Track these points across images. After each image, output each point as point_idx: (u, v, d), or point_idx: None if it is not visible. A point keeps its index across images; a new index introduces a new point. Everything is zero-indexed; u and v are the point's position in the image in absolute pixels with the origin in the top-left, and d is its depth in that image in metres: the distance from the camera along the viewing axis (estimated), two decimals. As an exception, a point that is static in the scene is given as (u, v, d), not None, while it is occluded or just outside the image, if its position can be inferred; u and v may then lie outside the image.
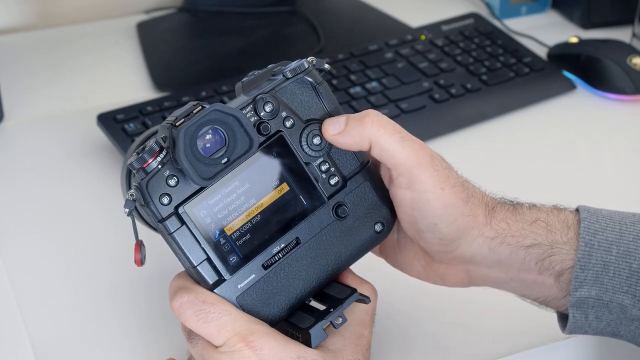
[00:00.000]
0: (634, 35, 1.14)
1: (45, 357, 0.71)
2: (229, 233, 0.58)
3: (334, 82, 1.01)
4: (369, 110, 0.61)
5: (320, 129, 0.60)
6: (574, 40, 1.12)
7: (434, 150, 0.63)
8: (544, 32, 1.18)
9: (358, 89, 1.01)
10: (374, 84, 1.02)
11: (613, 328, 0.64)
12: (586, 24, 1.21)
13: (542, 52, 1.13)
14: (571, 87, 1.07)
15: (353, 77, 1.03)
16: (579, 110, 1.04)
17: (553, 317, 0.74)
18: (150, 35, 1.18)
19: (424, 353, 0.72)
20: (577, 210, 0.65)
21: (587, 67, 1.07)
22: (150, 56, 1.13)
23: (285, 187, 0.59)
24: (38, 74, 1.11)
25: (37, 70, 1.12)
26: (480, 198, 0.64)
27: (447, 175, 0.62)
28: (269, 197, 0.59)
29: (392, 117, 0.95)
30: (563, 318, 0.66)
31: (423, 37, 1.11)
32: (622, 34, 1.16)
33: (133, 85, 1.08)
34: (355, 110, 0.97)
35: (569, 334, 0.65)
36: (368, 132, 0.60)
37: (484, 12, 1.23)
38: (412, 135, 0.63)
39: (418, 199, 0.61)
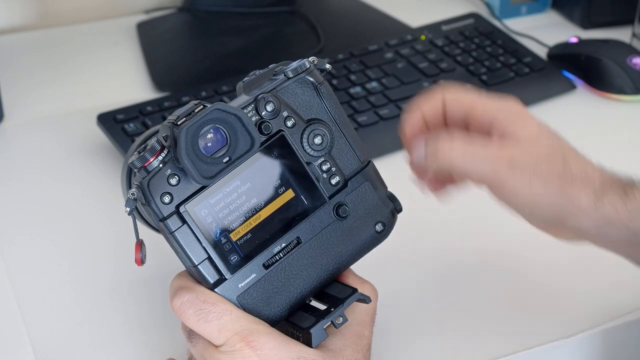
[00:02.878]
0: (634, 35, 1.14)
1: (45, 357, 0.71)
2: (230, 232, 0.58)
3: (334, 82, 1.01)
4: (438, 141, 0.64)
5: (320, 129, 0.60)
6: (574, 40, 1.12)
7: (517, 147, 0.64)
8: (544, 32, 1.18)
9: (358, 89, 1.01)
10: (374, 84, 1.02)
11: None
12: (586, 24, 1.21)
13: (542, 52, 1.13)
14: (571, 87, 1.07)
15: (353, 77, 1.03)
16: (579, 110, 1.04)
17: (553, 317, 0.74)
18: (150, 35, 1.18)
19: (424, 353, 0.72)
20: None
21: (587, 67, 1.07)
22: (150, 56, 1.13)
23: (286, 187, 0.59)
24: (38, 74, 1.11)
25: (37, 70, 1.12)
26: (584, 180, 0.64)
27: (535, 171, 0.63)
28: (270, 196, 0.59)
29: (392, 118, 0.97)
30: None
31: (423, 37, 1.11)
32: (622, 34, 1.16)
33: (133, 85, 1.08)
34: (355, 111, 0.97)
35: None
36: (443, 157, 0.64)
37: (484, 12, 1.23)
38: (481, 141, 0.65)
39: (510, 197, 0.64)
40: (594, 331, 0.74)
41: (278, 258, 0.59)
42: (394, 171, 0.70)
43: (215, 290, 0.58)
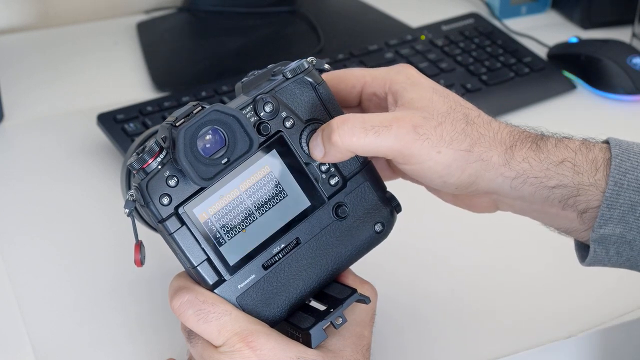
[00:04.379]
0: (634, 35, 1.14)
1: (45, 357, 0.71)
2: (229, 233, 0.58)
3: (334, 82, 1.01)
4: (333, 121, 0.59)
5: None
6: (574, 40, 1.12)
7: (416, 113, 0.60)
8: (544, 32, 1.19)
9: (358, 89, 1.01)
10: (374, 84, 1.02)
11: (632, 263, 0.62)
12: (586, 24, 1.21)
13: (542, 52, 1.13)
14: (571, 87, 1.07)
15: (353, 77, 1.03)
16: (579, 110, 1.04)
17: (553, 317, 0.74)
18: (150, 35, 1.18)
19: (424, 353, 0.72)
20: (607, 143, 0.63)
21: (587, 67, 1.07)
22: (150, 56, 1.13)
23: (285, 188, 0.59)
24: (38, 74, 1.11)
25: (37, 70, 1.12)
26: (492, 137, 0.60)
27: (440, 133, 0.59)
28: (269, 197, 0.59)
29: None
30: (581, 248, 0.64)
31: (423, 37, 1.11)
32: (622, 34, 1.16)
33: (133, 85, 1.08)
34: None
35: (587, 266, 0.63)
36: (344, 147, 0.58)
37: (484, 12, 1.23)
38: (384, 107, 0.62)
39: (419, 169, 0.60)
40: (594, 331, 0.74)
41: (277, 259, 0.59)
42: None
43: (215, 291, 0.58)
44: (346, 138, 0.58)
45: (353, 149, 0.58)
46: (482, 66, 1.06)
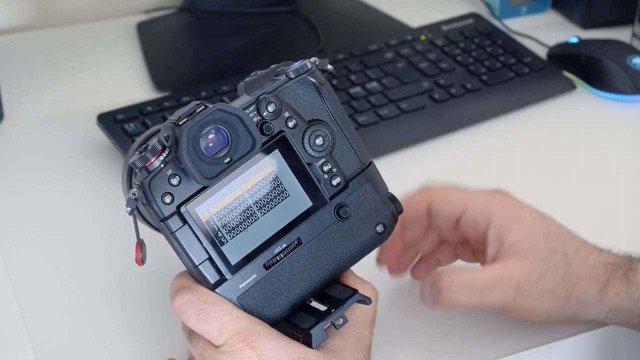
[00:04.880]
0: (634, 35, 1.14)
1: (45, 357, 0.71)
2: (230, 233, 0.58)
3: (334, 82, 1.01)
4: (442, 279, 0.66)
5: (322, 130, 0.60)
6: (574, 40, 1.12)
7: (518, 267, 0.65)
8: (544, 32, 1.19)
9: (358, 89, 1.01)
10: (374, 84, 1.02)
11: None
12: (586, 24, 1.21)
13: (542, 52, 1.13)
14: (571, 87, 1.07)
15: (353, 77, 1.03)
16: (579, 110, 1.04)
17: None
18: (150, 35, 1.18)
19: (424, 353, 0.72)
20: None
21: (587, 67, 1.07)
22: (150, 56, 1.13)
23: (287, 188, 0.59)
24: (38, 74, 1.11)
25: (37, 70, 1.12)
26: (589, 277, 0.66)
27: (541, 287, 0.65)
28: (271, 197, 0.59)
29: (392, 117, 0.97)
30: None
31: (423, 37, 1.11)
32: (622, 34, 1.16)
33: (133, 85, 1.08)
34: (355, 111, 0.97)
35: None
36: (450, 305, 0.67)
37: (484, 12, 1.23)
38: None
39: (522, 316, 0.68)
40: (593, 331, 0.74)
41: (279, 259, 0.59)
42: (394, 171, 0.70)
43: (216, 290, 0.58)
44: (453, 299, 0.66)
45: (459, 307, 0.67)
46: (482, 66, 1.06)
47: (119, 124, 0.94)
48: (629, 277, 0.66)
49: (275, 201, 0.59)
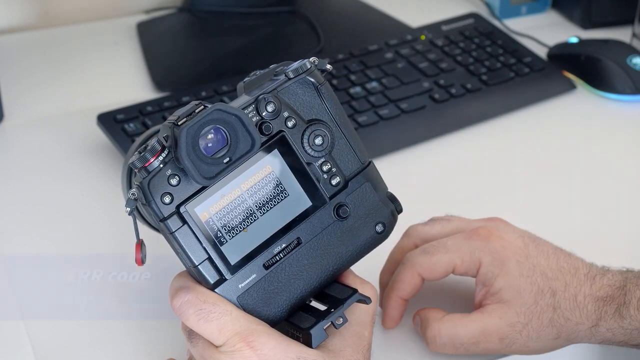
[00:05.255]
0: (634, 35, 1.14)
1: (45, 357, 0.71)
2: (230, 233, 0.58)
3: (334, 82, 1.01)
4: (428, 328, 0.68)
5: (321, 129, 0.60)
6: (574, 40, 1.12)
7: (502, 318, 0.66)
8: (544, 32, 1.18)
9: (358, 89, 1.01)
10: (374, 84, 1.02)
11: None
12: (586, 24, 1.21)
13: (542, 52, 1.13)
14: (571, 87, 1.07)
15: (353, 77, 1.03)
16: (579, 110, 1.04)
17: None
18: (150, 35, 1.18)
19: (424, 353, 0.72)
20: None
21: (587, 67, 1.07)
22: (150, 56, 1.13)
23: (286, 188, 0.59)
24: (38, 74, 1.11)
25: (37, 70, 1.12)
26: (579, 317, 0.66)
27: (527, 334, 0.66)
28: (271, 197, 0.59)
29: (392, 117, 0.97)
30: None
31: (423, 37, 1.11)
32: (622, 34, 1.16)
33: (133, 85, 1.08)
34: (355, 111, 0.97)
35: None
36: (438, 350, 0.69)
37: (484, 12, 1.23)
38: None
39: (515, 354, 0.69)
40: (594, 331, 0.74)
41: (278, 258, 0.59)
42: (394, 171, 0.70)
43: (216, 290, 0.58)
44: (439, 350, 0.68)
45: (446, 353, 0.68)
46: (482, 66, 1.06)
47: (119, 124, 0.94)
48: (622, 312, 0.66)
49: (274, 201, 0.59)
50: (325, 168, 0.60)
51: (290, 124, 0.59)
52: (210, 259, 0.57)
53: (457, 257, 0.69)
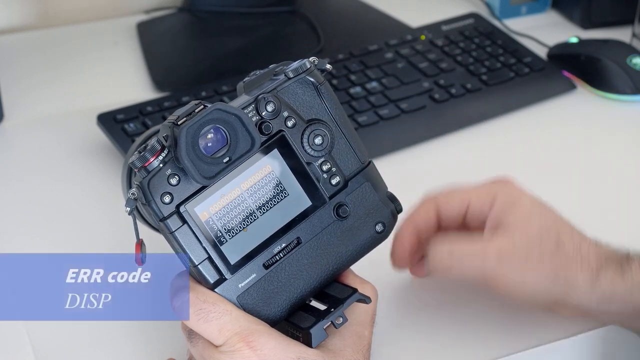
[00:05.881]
0: (634, 35, 1.14)
1: (45, 357, 0.71)
2: (230, 232, 0.58)
3: (334, 82, 1.01)
4: (429, 254, 0.67)
5: (321, 129, 0.60)
6: (574, 40, 1.12)
7: (505, 239, 0.65)
8: (544, 32, 1.18)
9: (358, 89, 1.01)
10: (374, 84, 1.02)
11: None
12: (586, 24, 1.21)
13: (542, 52, 1.13)
14: (571, 87, 1.07)
15: (353, 77, 1.03)
16: (579, 110, 1.04)
17: (552, 317, 0.74)
18: (150, 35, 1.18)
19: (424, 353, 0.72)
20: None
21: (587, 67, 1.07)
22: (150, 56, 1.13)
23: (286, 187, 0.59)
24: (38, 74, 1.11)
25: (37, 70, 1.12)
26: (580, 260, 0.65)
27: (525, 258, 0.64)
28: (270, 197, 0.59)
29: (392, 117, 0.97)
30: None
31: (423, 37, 1.11)
32: (622, 34, 1.16)
33: (133, 85, 1.08)
34: (355, 111, 0.97)
35: None
36: (435, 274, 0.69)
37: (484, 12, 1.23)
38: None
39: (506, 292, 0.66)
40: (594, 331, 0.74)
41: (278, 258, 0.59)
42: (394, 171, 0.70)
43: (216, 290, 0.58)
44: (438, 270, 0.68)
45: (444, 276, 0.68)
46: (482, 66, 1.06)
47: (119, 124, 0.94)
48: (624, 266, 0.65)
49: (274, 201, 0.59)
50: (325, 168, 0.60)
51: (290, 123, 0.59)
52: (210, 258, 0.57)
53: (473, 192, 0.69)
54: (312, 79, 0.60)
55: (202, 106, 0.56)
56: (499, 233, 0.66)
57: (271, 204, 0.59)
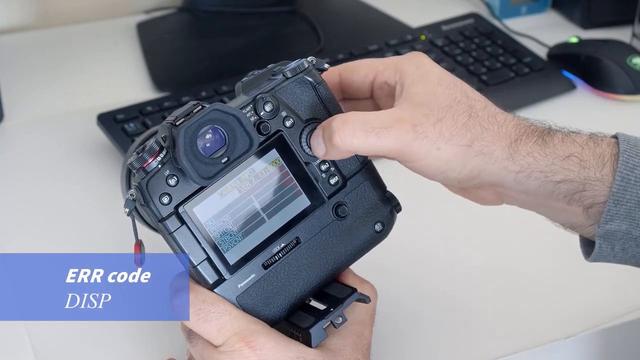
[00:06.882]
0: (634, 35, 1.14)
1: (45, 357, 0.71)
2: (228, 233, 0.58)
3: (334, 82, 1.01)
4: (334, 122, 0.58)
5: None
6: (574, 40, 1.12)
7: (417, 110, 0.59)
8: (544, 32, 1.19)
9: (358, 89, 1.01)
10: (374, 84, 1.02)
11: (638, 259, 0.61)
12: (586, 24, 1.21)
13: (542, 52, 1.13)
14: (571, 87, 1.07)
15: (353, 77, 1.03)
16: (579, 110, 1.04)
17: (553, 317, 0.74)
18: (150, 35, 1.18)
19: (424, 353, 0.72)
20: (615, 138, 0.61)
21: (587, 67, 1.07)
22: (150, 56, 1.13)
23: (285, 187, 0.59)
24: (38, 74, 1.11)
25: (37, 70, 1.12)
26: (496, 131, 0.60)
27: (439, 130, 0.59)
28: (269, 197, 0.59)
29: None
30: (586, 244, 0.63)
31: (423, 37, 1.11)
32: (622, 34, 1.16)
33: (133, 85, 1.08)
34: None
35: (592, 262, 0.62)
36: (345, 148, 0.58)
37: (484, 12, 1.23)
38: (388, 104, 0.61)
39: (420, 166, 0.60)
40: (593, 331, 0.74)
41: (277, 258, 0.59)
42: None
43: (215, 290, 0.58)
44: (347, 140, 0.58)
45: (354, 150, 0.58)
46: (482, 66, 1.06)
47: (119, 124, 0.94)
48: (545, 138, 0.60)
49: (273, 201, 0.59)
50: (323, 167, 0.60)
51: (288, 123, 0.59)
52: (209, 259, 0.57)
53: (380, 63, 0.64)
54: (310, 79, 0.60)
55: (200, 107, 0.56)
56: (408, 105, 0.60)
57: (270, 204, 0.59)
